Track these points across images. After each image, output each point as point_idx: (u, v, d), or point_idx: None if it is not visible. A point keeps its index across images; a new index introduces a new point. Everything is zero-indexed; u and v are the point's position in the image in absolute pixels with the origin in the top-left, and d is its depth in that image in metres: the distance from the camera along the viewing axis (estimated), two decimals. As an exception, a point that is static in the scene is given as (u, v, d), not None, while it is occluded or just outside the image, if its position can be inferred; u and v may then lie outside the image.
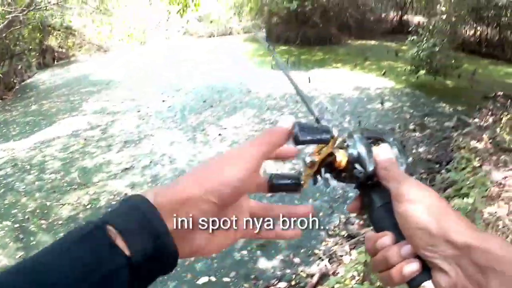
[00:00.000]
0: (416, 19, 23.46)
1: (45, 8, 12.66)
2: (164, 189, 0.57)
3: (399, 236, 0.61)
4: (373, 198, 0.67)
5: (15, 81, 17.34)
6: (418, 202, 0.58)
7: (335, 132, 0.65)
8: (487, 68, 15.76)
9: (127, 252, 0.48)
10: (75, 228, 0.50)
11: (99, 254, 0.47)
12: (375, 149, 0.68)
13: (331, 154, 0.67)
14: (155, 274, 0.54)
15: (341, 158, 0.66)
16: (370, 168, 0.65)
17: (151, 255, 0.50)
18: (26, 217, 6.63)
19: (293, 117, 0.67)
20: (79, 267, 0.46)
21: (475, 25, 17.95)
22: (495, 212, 4.83)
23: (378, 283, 3.81)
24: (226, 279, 4.83)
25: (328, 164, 0.68)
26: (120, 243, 0.48)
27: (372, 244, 0.63)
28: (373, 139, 0.71)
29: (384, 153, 0.67)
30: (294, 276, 4.83)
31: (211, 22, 29.57)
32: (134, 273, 0.48)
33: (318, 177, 0.69)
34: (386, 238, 0.62)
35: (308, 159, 0.67)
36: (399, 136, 9.10)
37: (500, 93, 11.78)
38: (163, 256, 0.52)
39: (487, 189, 5.48)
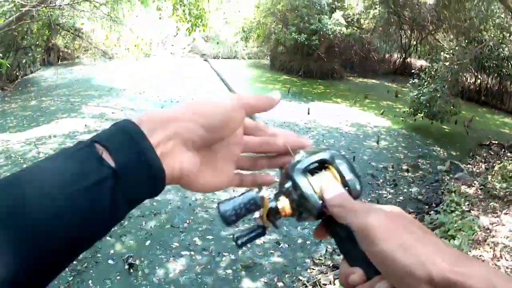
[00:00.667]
0: (419, 62, 23.82)
1: (58, 6, 12.73)
2: (155, 111, 0.60)
3: (372, 270, 0.54)
4: (336, 230, 0.61)
5: (17, 74, 17.38)
6: (391, 240, 0.50)
7: (262, 193, 0.63)
8: (484, 116, 16.03)
9: (112, 163, 0.50)
10: (68, 147, 0.53)
11: (86, 166, 0.49)
12: (319, 182, 0.62)
13: (273, 209, 0.63)
14: (142, 191, 0.54)
15: (283, 206, 0.62)
16: (315, 211, 0.60)
17: (135, 166, 0.52)
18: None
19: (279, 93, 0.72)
20: (67, 176, 0.48)
21: (476, 73, 18.27)
22: (480, 256, 4.89)
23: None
24: (209, 295, 4.83)
25: (276, 212, 0.63)
26: (106, 157, 0.51)
27: (345, 279, 0.58)
28: (317, 164, 0.65)
29: (332, 187, 0.61)
30: (276, 299, 4.85)
31: (217, 43, 29.88)
32: (119, 184, 0.50)
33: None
34: (357, 275, 0.56)
35: (256, 222, 0.65)
36: (392, 174, 9.20)
37: (495, 141, 12.00)
38: (149, 170, 0.53)
39: (474, 233, 5.54)
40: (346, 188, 0.62)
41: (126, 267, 5.24)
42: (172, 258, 5.52)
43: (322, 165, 0.65)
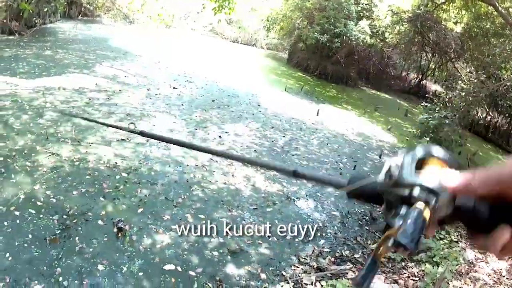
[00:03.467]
0: (434, 87, 23.87)
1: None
2: None
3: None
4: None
5: (37, 21, 17.29)
6: None
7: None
8: (488, 153, 16.05)
9: None
10: None
11: None
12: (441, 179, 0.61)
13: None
14: None
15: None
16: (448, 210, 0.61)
17: None
18: (13, 154, 6.59)
19: None
20: None
21: (488, 109, 18.26)
22: (461, 287, 4.93)
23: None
24: (191, 273, 4.82)
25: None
26: None
27: (501, 244, 0.60)
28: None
29: (454, 177, 0.62)
30: (256, 290, 4.87)
31: (239, 27, 29.81)
32: None
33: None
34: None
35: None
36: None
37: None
38: None
39: (458, 264, 5.58)
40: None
41: (115, 230, 5.25)
42: (162, 230, 5.53)
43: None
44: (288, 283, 4.98)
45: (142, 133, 1.41)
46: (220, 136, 9.72)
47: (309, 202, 7.57)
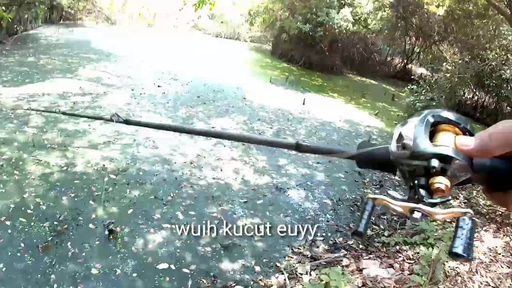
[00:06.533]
0: (420, 70, 23.95)
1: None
2: None
3: None
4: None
5: (18, 28, 17.14)
6: None
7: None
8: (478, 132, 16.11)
9: None
10: None
11: None
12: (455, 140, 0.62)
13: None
14: None
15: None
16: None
17: None
18: (1, 164, 6.55)
19: None
20: None
21: (474, 90, 18.36)
22: (456, 267, 4.97)
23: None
24: (185, 270, 4.83)
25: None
26: None
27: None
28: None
29: (469, 141, 0.61)
30: (252, 283, 4.87)
31: (221, 22, 29.71)
32: None
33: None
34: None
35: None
36: (379, 175, 9.26)
37: (484, 159, 12.07)
38: None
39: (452, 245, 5.61)
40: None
41: (106, 233, 5.24)
42: (153, 229, 5.53)
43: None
44: (282, 274, 5.00)
45: (127, 122, 1.40)
46: (207, 132, 9.67)
47: (300, 192, 7.59)
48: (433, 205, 0.60)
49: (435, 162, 0.59)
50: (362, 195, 7.97)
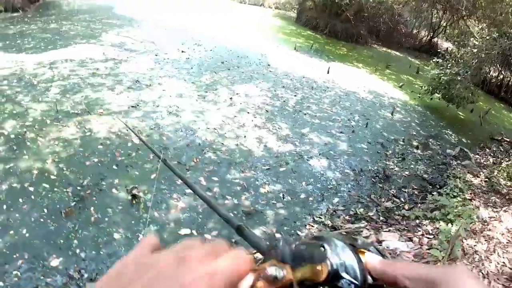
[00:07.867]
0: (446, 44, 23.42)
1: None
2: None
3: None
4: None
5: (39, -5, 17.11)
6: None
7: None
8: (501, 111, 15.83)
9: None
10: None
11: None
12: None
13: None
14: None
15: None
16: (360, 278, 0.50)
17: None
18: (24, 130, 6.58)
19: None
20: None
21: (500, 68, 17.89)
22: (475, 245, 4.92)
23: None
24: (207, 236, 4.88)
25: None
26: None
27: None
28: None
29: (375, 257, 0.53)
30: (272, 250, 4.88)
31: (246, -12, 29.28)
32: None
33: None
34: None
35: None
36: (401, 148, 9.15)
37: (507, 139, 11.87)
38: None
39: (472, 222, 5.55)
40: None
41: (129, 197, 5.29)
42: (176, 194, 5.56)
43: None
44: (303, 243, 5.00)
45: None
46: (231, 98, 9.67)
47: (322, 161, 7.57)
48: None
49: None
50: (383, 166, 7.90)
